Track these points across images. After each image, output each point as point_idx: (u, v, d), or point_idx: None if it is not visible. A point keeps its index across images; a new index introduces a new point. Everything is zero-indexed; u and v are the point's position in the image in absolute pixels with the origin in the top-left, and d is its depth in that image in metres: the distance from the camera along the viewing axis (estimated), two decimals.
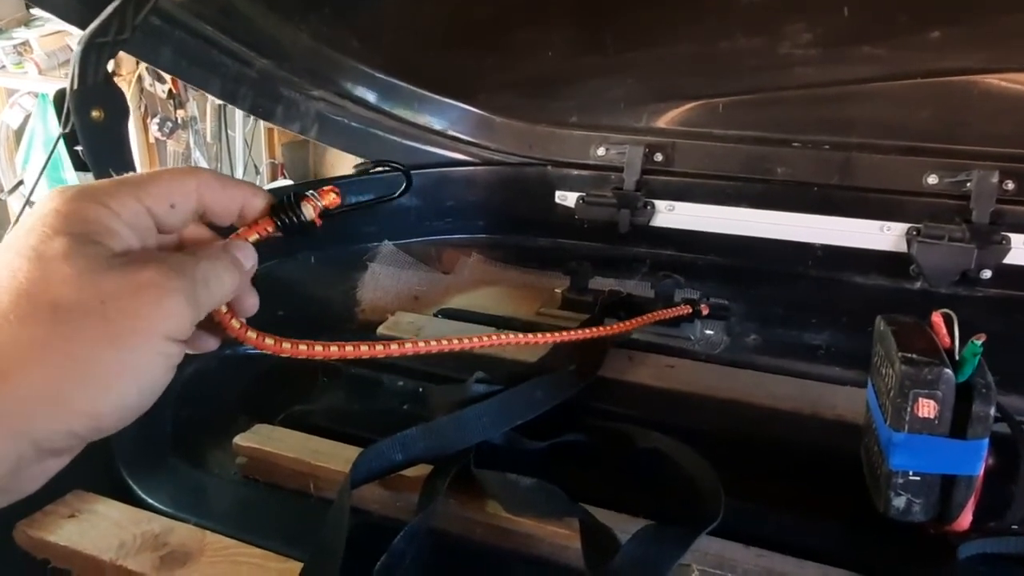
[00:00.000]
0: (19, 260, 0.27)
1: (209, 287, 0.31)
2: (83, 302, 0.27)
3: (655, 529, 0.42)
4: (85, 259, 0.27)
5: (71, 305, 0.27)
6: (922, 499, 0.42)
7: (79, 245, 0.28)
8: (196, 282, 0.30)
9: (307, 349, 0.36)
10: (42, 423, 0.26)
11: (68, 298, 0.27)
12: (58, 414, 0.26)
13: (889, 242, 0.74)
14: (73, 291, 0.27)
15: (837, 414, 0.56)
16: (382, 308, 0.75)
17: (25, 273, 0.27)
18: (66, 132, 0.54)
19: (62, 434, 0.27)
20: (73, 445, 0.28)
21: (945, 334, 0.43)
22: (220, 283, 0.31)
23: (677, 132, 0.82)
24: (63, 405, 0.26)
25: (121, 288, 0.27)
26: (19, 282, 0.27)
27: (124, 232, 0.30)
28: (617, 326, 0.60)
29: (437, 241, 0.88)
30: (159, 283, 0.28)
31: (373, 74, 0.84)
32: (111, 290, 0.27)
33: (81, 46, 0.53)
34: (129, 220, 0.30)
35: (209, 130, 2.39)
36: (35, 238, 0.28)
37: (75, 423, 0.27)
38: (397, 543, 0.40)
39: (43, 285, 0.27)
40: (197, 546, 0.42)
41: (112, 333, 0.27)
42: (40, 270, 0.27)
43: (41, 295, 0.27)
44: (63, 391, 0.26)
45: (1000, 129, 0.72)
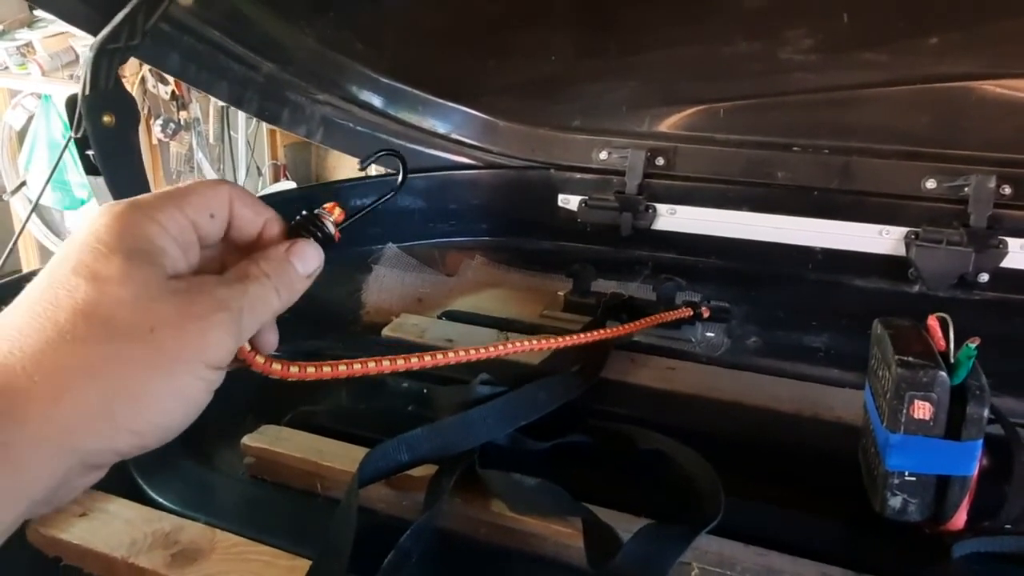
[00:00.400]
0: (76, 279, 0.28)
1: (255, 311, 0.32)
2: (135, 327, 0.28)
3: (656, 528, 0.42)
4: (139, 282, 0.29)
5: (124, 330, 0.28)
6: (918, 499, 0.43)
7: (134, 267, 0.29)
8: (242, 311, 0.31)
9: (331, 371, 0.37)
10: (92, 441, 0.27)
11: (122, 322, 0.28)
12: (107, 432, 0.28)
13: (888, 246, 0.75)
14: (127, 314, 0.28)
15: (836, 416, 0.56)
16: (386, 310, 0.76)
17: (83, 293, 0.28)
18: (77, 137, 0.55)
19: (109, 452, 0.28)
20: (114, 460, 0.29)
21: (940, 337, 0.44)
22: (266, 305, 0.32)
23: (679, 136, 0.83)
24: (112, 424, 0.28)
25: (171, 318, 0.29)
26: (76, 302, 0.28)
27: (173, 251, 0.31)
28: (620, 328, 0.61)
29: (441, 244, 0.88)
30: (206, 316, 0.29)
31: (378, 78, 0.85)
32: (161, 319, 0.29)
33: (93, 52, 0.54)
34: (176, 235, 0.31)
35: (212, 131, 2.40)
36: (90, 256, 0.29)
37: (121, 441, 0.28)
38: (403, 541, 0.41)
39: (99, 307, 0.28)
40: (207, 544, 0.43)
41: (158, 359, 0.28)
42: (96, 291, 0.28)
43: (96, 317, 0.28)
44: (113, 411, 0.28)
45: (998, 134, 0.73)
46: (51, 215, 2.48)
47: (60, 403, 0.26)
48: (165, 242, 0.30)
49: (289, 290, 0.33)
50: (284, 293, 0.33)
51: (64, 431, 0.27)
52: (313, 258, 0.34)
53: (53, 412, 0.26)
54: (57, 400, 0.26)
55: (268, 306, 0.32)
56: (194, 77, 0.73)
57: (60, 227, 2.51)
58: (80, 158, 0.55)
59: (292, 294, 0.34)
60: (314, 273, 0.35)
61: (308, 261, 0.34)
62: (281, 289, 0.33)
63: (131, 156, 0.58)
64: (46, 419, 0.26)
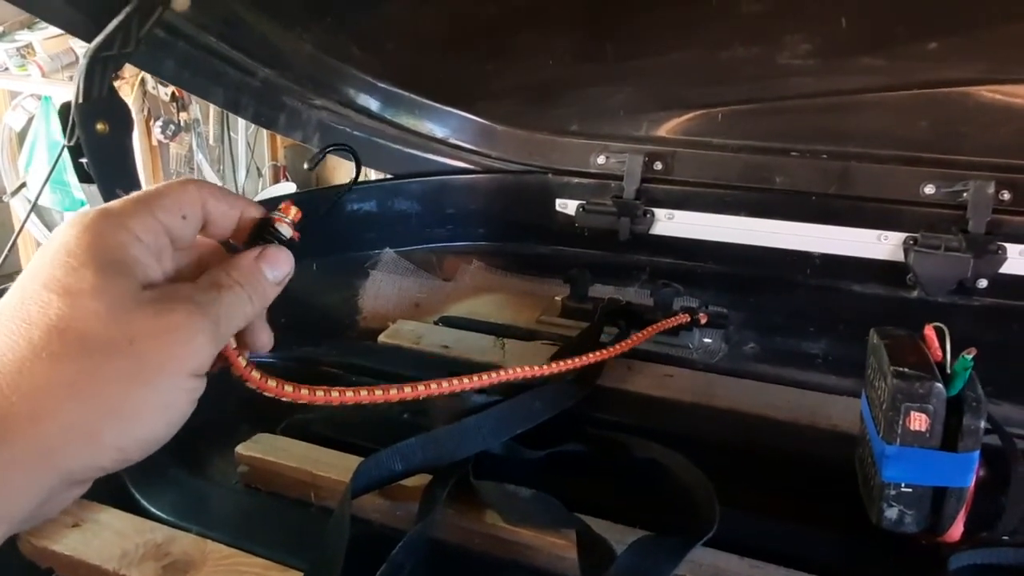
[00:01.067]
0: (48, 294, 0.28)
1: (231, 317, 0.31)
2: (112, 341, 0.27)
3: (650, 540, 0.42)
4: (113, 295, 0.28)
5: (101, 344, 0.27)
6: (914, 510, 0.43)
7: (107, 279, 0.28)
8: (220, 318, 0.31)
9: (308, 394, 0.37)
10: (75, 459, 0.27)
11: (98, 336, 0.27)
12: (90, 450, 0.27)
13: (886, 251, 0.75)
14: (103, 328, 0.27)
15: (833, 424, 0.56)
16: (383, 315, 0.76)
17: (56, 309, 0.27)
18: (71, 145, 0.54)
19: (91, 467, 0.28)
20: (98, 475, 0.29)
21: (937, 347, 0.44)
22: (241, 311, 0.32)
23: (677, 141, 0.82)
24: (95, 441, 0.27)
25: (149, 329, 0.28)
26: (49, 318, 0.27)
27: (147, 259, 0.30)
28: (620, 345, 0.60)
29: (438, 248, 0.88)
30: (186, 325, 0.29)
31: (375, 83, 0.84)
32: (140, 330, 0.28)
33: (86, 60, 0.54)
34: (149, 242, 0.30)
35: (212, 133, 2.40)
36: (61, 270, 0.28)
37: (104, 457, 0.28)
38: (396, 553, 0.41)
39: (73, 322, 0.27)
40: (199, 555, 0.43)
41: (140, 372, 0.28)
42: (69, 306, 0.27)
43: (71, 332, 0.27)
44: (94, 427, 0.27)
45: (997, 140, 0.72)
46: (51, 216, 2.48)
47: (41, 423, 0.26)
48: (138, 251, 0.30)
49: (261, 297, 0.33)
50: (257, 300, 0.33)
51: (46, 451, 0.26)
52: (283, 263, 0.34)
53: (34, 432, 0.26)
54: (37, 420, 0.26)
55: (243, 313, 0.32)
56: (190, 83, 0.73)
57: None
58: (74, 166, 0.55)
59: (264, 300, 0.33)
60: (285, 279, 0.34)
61: (278, 267, 0.34)
62: (254, 296, 0.32)
63: (125, 164, 0.57)
64: (27, 440, 0.26)
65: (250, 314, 0.33)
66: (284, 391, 0.36)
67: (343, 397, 0.38)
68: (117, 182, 0.57)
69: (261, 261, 0.33)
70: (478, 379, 0.48)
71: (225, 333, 0.31)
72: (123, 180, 0.57)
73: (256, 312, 0.33)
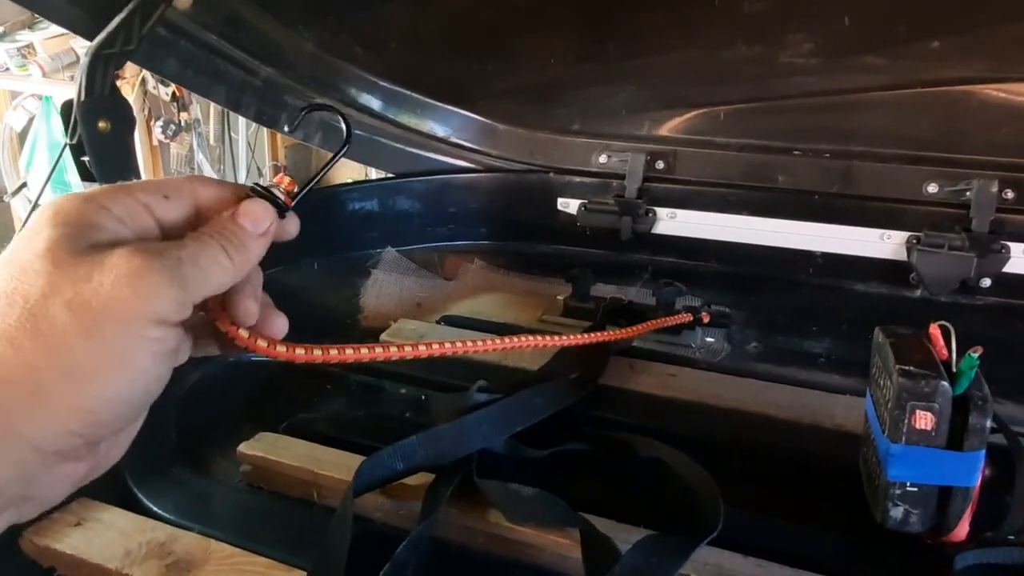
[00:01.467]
0: (4, 267, 0.27)
1: (200, 265, 0.29)
2: (55, 292, 0.26)
3: (655, 539, 0.42)
4: (61, 251, 0.27)
5: (42, 296, 0.26)
6: (919, 510, 0.43)
7: (57, 240, 0.27)
8: (181, 260, 0.28)
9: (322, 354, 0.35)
10: (32, 422, 0.26)
11: (39, 290, 0.26)
12: (45, 411, 0.26)
13: (889, 250, 0.75)
14: (45, 282, 0.26)
15: (836, 423, 0.56)
16: (385, 314, 0.76)
17: (4, 276, 0.26)
18: (73, 143, 0.54)
19: (57, 433, 0.26)
20: (78, 445, 0.27)
21: (943, 346, 0.43)
22: (215, 262, 0.30)
23: (679, 140, 0.82)
24: (45, 400, 0.26)
25: (91, 272, 0.26)
26: (1, 288, 0.26)
27: (111, 224, 0.28)
28: (621, 332, 0.60)
29: (440, 247, 0.88)
30: (132, 262, 0.27)
31: (376, 82, 0.84)
32: (82, 275, 0.26)
33: (88, 58, 0.54)
34: (120, 214, 0.29)
35: (212, 132, 2.40)
36: (20, 243, 0.27)
37: (68, 420, 0.26)
38: (400, 552, 0.41)
39: (20, 284, 0.26)
40: (202, 555, 0.43)
41: (87, 321, 0.26)
42: (19, 268, 0.26)
43: (17, 293, 0.26)
44: (44, 386, 0.25)
45: (1000, 139, 0.72)
46: None
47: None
48: (101, 218, 0.28)
49: (240, 249, 0.31)
50: (235, 252, 0.30)
51: (2, 415, 0.25)
52: (263, 215, 0.32)
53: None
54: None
55: (216, 263, 0.30)
56: (191, 81, 0.73)
57: None
58: (76, 164, 0.55)
59: (246, 253, 0.31)
60: (268, 230, 0.32)
61: (258, 219, 0.32)
62: (230, 248, 0.30)
63: (127, 162, 0.57)
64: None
65: (227, 265, 0.30)
66: (277, 351, 0.33)
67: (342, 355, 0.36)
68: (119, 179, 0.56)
69: (237, 215, 0.31)
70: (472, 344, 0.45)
71: (193, 280, 0.28)
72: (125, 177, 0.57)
73: (238, 265, 0.31)
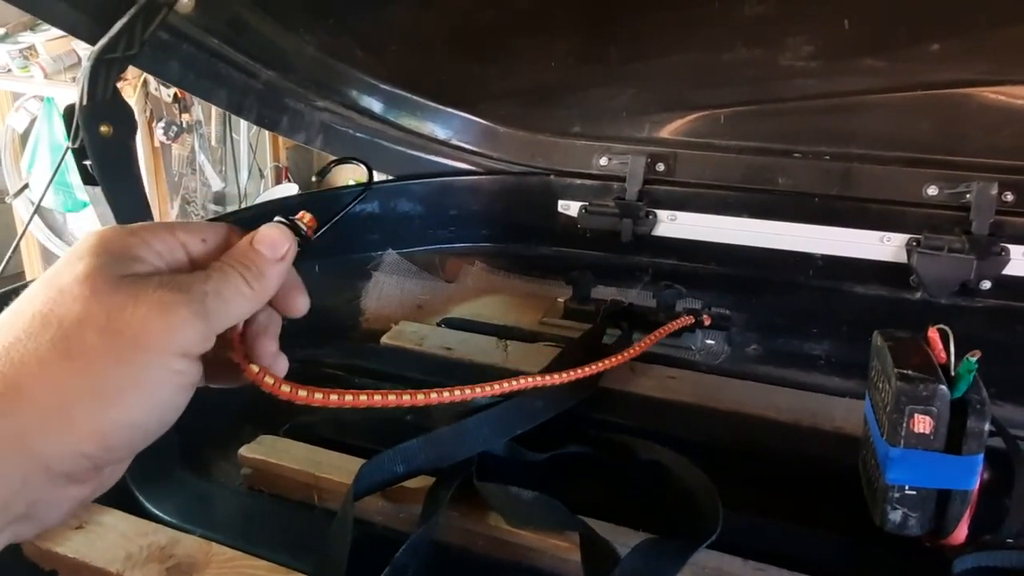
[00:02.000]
0: (42, 287, 0.28)
1: (223, 297, 0.30)
2: (89, 318, 0.27)
3: (654, 543, 0.42)
4: (100, 279, 0.28)
5: (77, 322, 0.27)
6: (918, 513, 0.43)
7: (98, 268, 0.28)
8: (206, 295, 0.29)
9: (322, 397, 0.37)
10: (49, 442, 0.26)
11: (76, 316, 0.27)
12: (63, 431, 0.26)
13: (889, 253, 0.75)
14: (81, 308, 0.27)
15: (836, 426, 0.56)
16: (386, 317, 0.76)
17: (42, 297, 0.28)
18: (75, 147, 0.55)
19: (71, 454, 0.27)
20: (87, 468, 0.28)
21: (941, 350, 0.43)
22: (236, 291, 0.31)
23: (679, 142, 0.82)
24: (69, 422, 0.26)
25: (128, 304, 0.27)
26: (35, 305, 0.28)
27: (151, 258, 0.30)
28: (628, 352, 0.60)
29: (441, 250, 0.88)
30: (163, 297, 0.28)
31: (377, 84, 0.85)
32: (118, 306, 0.27)
33: (90, 62, 0.54)
34: (161, 250, 0.30)
35: (214, 134, 2.41)
36: (63, 266, 0.29)
37: (82, 442, 0.27)
38: (400, 556, 0.41)
39: (57, 306, 0.27)
40: (203, 558, 0.43)
41: (116, 349, 0.27)
42: (58, 292, 0.28)
43: (53, 315, 0.27)
44: (68, 407, 0.26)
45: (999, 141, 0.72)
46: (53, 217, 2.48)
47: (13, 402, 0.26)
48: (142, 251, 0.30)
49: (259, 277, 0.32)
50: (255, 281, 0.31)
51: (19, 432, 0.26)
52: (280, 241, 0.33)
53: (8, 412, 0.26)
54: (12, 400, 0.26)
55: (238, 292, 0.31)
56: (193, 85, 0.73)
57: (62, 229, 2.51)
58: (78, 168, 0.55)
59: (265, 281, 0.32)
60: (287, 255, 0.33)
61: (276, 245, 0.33)
62: (250, 277, 0.31)
63: (129, 166, 0.57)
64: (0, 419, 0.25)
65: (248, 295, 0.31)
66: (280, 390, 0.35)
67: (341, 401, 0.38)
68: (121, 184, 0.57)
69: (255, 242, 0.32)
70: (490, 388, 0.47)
71: (217, 313, 0.30)
72: (127, 182, 0.57)
73: (258, 293, 0.32)
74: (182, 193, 2.38)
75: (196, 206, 2.41)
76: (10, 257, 0.71)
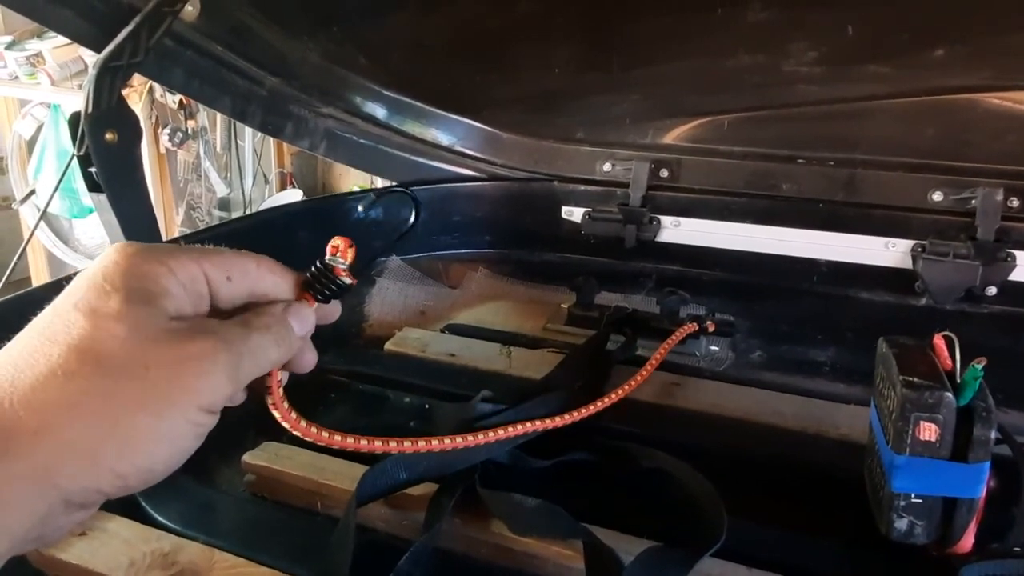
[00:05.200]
0: (76, 314, 0.28)
1: (255, 358, 0.31)
2: (128, 365, 0.27)
3: (658, 551, 0.42)
4: (137, 321, 0.28)
5: (116, 367, 0.27)
6: (924, 521, 0.43)
7: (133, 305, 0.28)
8: (243, 356, 0.31)
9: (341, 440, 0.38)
10: (73, 480, 0.27)
11: (115, 359, 0.27)
12: (88, 472, 0.27)
13: (894, 259, 0.75)
14: (120, 352, 0.27)
15: (841, 433, 0.56)
16: (389, 323, 0.76)
17: (79, 329, 0.28)
18: (80, 154, 0.55)
19: (90, 491, 0.28)
20: (98, 500, 0.29)
21: (947, 357, 0.43)
22: (266, 355, 0.32)
23: (683, 148, 0.82)
24: (94, 463, 0.27)
25: (167, 357, 0.28)
26: (71, 338, 0.28)
27: (179, 293, 0.30)
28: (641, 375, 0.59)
29: (444, 256, 0.88)
30: (206, 356, 0.29)
31: (381, 91, 0.85)
32: (157, 358, 0.28)
33: (95, 70, 0.55)
34: (185, 281, 0.31)
35: (219, 140, 2.42)
36: (93, 292, 0.29)
37: (103, 481, 0.28)
38: (403, 563, 0.41)
39: (94, 343, 0.27)
40: (206, 564, 0.43)
41: (150, 399, 0.28)
42: (93, 326, 0.28)
43: (90, 353, 0.27)
44: (96, 449, 0.27)
45: (1005, 147, 0.72)
46: (59, 223, 2.49)
47: (43, 439, 0.26)
48: (170, 284, 0.30)
49: (287, 345, 0.33)
50: (283, 347, 0.33)
51: (45, 468, 0.26)
52: (308, 321, 0.35)
53: (34, 448, 0.26)
54: (39, 436, 0.26)
55: (267, 357, 0.32)
56: (197, 92, 0.73)
57: (68, 235, 2.52)
58: (83, 175, 0.56)
59: (290, 350, 0.34)
60: (308, 334, 0.35)
61: (304, 323, 0.34)
62: (281, 343, 0.33)
63: (134, 173, 0.58)
64: (27, 455, 0.26)
65: (274, 359, 0.33)
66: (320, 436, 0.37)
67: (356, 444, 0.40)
68: (126, 192, 0.57)
69: (289, 314, 0.34)
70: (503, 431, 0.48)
71: (247, 373, 0.31)
72: (131, 190, 0.57)
73: (280, 359, 0.33)
74: (187, 199, 2.38)
75: (201, 212, 2.42)
76: (16, 262, 0.71)
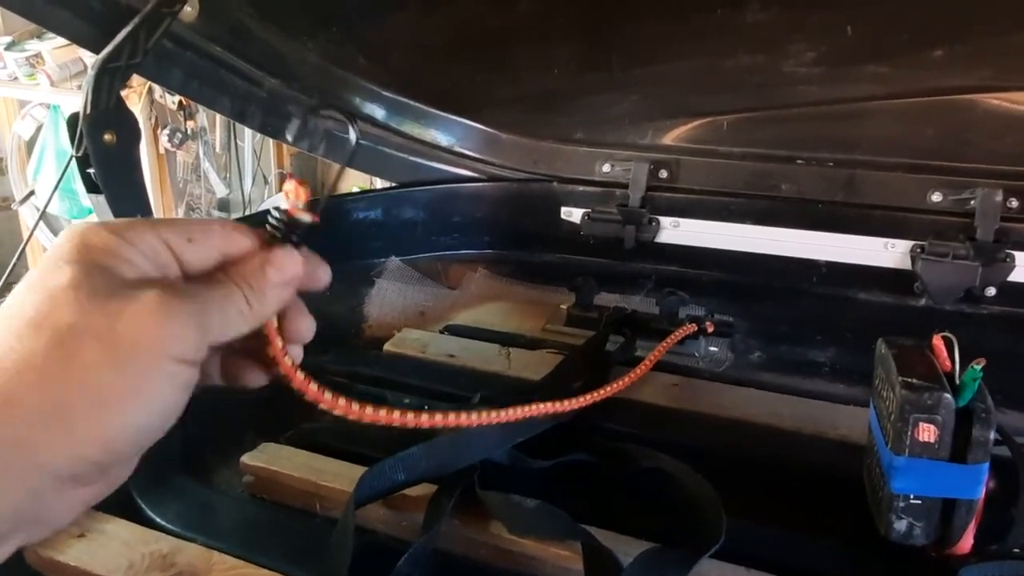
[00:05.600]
0: (29, 293, 0.28)
1: (225, 313, 0.30)
2: (88, 324, 0.27)
3: (657, 552, 0.42)
4: (93, 285, 0.27)
5: (75, 327, 0.27)
6: (923, 522, 0.43)
7: (87, 273, 0.28)
8: (208, 308, 0.30)
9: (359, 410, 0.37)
10: (50, 448, 0.26)
11: (73, 323, 0.27)
12: (65, 437, 0.26)
13: (893, 259, 0.75)
14: (79, 314, 0.27)
15: (840, 434, 0.56)
16: (389, 324, 0.76)
17: (32, 303, 0.27)
18: (79, 155, 0.55)
19: (74, 459, 0.27)
20: (91, 471, 0.28)
21: (946, 358, 0.43)
22: (235, 302, 0.31)
23: (682, 149, 0.82)
24: (69, 428, 0.26)
25: (127, 311, 0.27)
26: (26, 312, 0.27)
27: (137, 260, 0.29)
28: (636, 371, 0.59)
29: (443, 257, 0.88)
30: (163, 304, 0.28)
31: (380, 92, 0.85)
32: (117, 313, 0.27)
33: (94, 71, 0.55)
34: (145, 250, 0.30)
35: (218, 141, 2.42)
36: (47, 272, 0.28)
37: (85, 447, 0.27)
38: (402, 564, 0.41)
39: (50, 313, 0.27)
40: (204, 566, 0.43)
41: (116, 354, 0.27)
42: (48, 299, 0.27)
43: (47, 322, 0.27)
44: (67, 415, 0.26)
45: (1004, 147, 0.72)
46: (59, 224, 2.49)
47: (11, 410, 0.25)
48: (128, 253, 0.29)
49: (259, 298, 0.32)
50: (254, 301, 0.31)
51: (16, 440, 0.26)
52: (288, 265, 0.33)
53: (6, 422, 0.25)
54: (9, 410, 0.25)
55: (236, 310, 0.31)
56: (196, 93, 0.73)
57: None
58: (82, 176, 0.56)
59: (263, 302, 0.32)
60: (292, 278, 0.33)
61: (284, 268, 0.32)
62: (251, 296, 0.31)
63: (132, 174, 0.58)
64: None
65: (247, 314, 0.31)
66: (324, 398, 0.35)
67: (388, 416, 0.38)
68: (124, 192, 0.57)
69: (265, 264, 0.32)
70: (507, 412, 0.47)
71: (216, 325, 0.30)
72: (130, 190, 0.57)
73: (254, 314, 0.32)
74: (187, 200, 2.38)
75: (201, 212, 2.42)
76: (16, 263, 0.71)
